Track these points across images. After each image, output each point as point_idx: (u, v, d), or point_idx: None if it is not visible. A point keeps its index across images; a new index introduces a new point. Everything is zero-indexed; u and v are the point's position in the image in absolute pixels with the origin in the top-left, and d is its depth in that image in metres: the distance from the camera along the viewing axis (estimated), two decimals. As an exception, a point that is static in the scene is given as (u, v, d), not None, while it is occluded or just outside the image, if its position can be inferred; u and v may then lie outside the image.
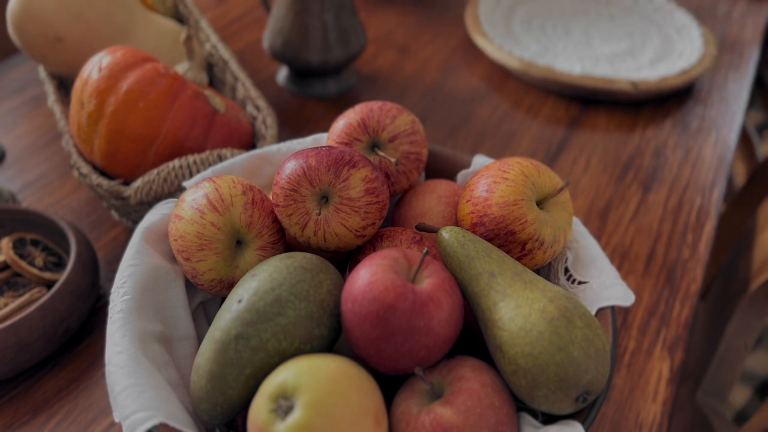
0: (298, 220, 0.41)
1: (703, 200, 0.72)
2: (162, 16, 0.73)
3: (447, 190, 0.47)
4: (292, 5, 0.76)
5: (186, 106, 0.56)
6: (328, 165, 0.40)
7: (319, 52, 0.77)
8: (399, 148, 0.46)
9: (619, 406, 0.52)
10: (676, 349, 0.57)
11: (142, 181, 0.54)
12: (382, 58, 0.92)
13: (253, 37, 0.95)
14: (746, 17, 1.06)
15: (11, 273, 0.56)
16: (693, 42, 0.93)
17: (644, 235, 0.67)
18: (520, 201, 0.42)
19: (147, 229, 0.45)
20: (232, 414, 0.37)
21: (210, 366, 0.36)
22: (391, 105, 0.47)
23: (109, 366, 0.37)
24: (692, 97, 0.88)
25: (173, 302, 0.43)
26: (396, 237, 0.43)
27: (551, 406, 0.35)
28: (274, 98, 0.83)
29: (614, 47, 0.92)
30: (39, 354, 0.50)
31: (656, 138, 0.80)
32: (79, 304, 0.52)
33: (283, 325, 0.36)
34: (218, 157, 0.55)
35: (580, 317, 0.35)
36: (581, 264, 0.44)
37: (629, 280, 0.63)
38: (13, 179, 0.70)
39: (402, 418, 0.36)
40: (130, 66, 0.56)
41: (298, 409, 0.32)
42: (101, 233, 0.64)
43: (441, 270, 0.38)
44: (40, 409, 0.50)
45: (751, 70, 0.94)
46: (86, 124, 0.55)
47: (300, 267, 0.38)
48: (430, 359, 0.37)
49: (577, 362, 0.34)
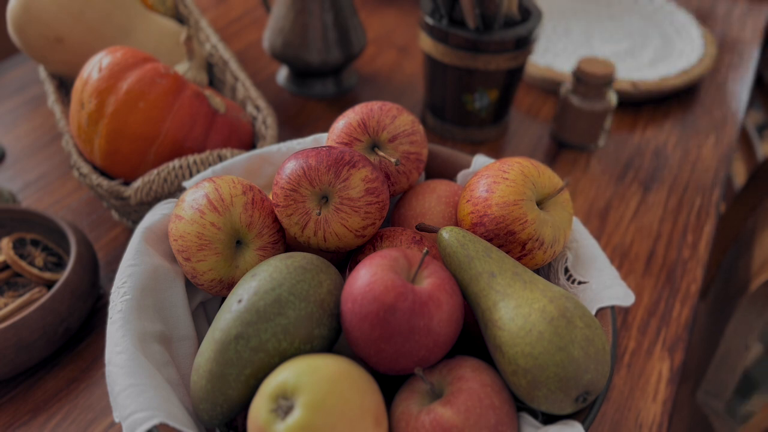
0: (298, 220, 0.41)
1: (703, 200, 0.72)
2: (162, 17, 0.73)
3: (447, 190, 0.47)
4: (292, 5, 0.76)
5: (186, 106, 0.56)
6: (328, 165, 0.40)
7: (319, 52, 0.77)
8: (399, 148, 0.46)
9: (619, 406, 0.52)
10: (676, 349, 0.57)
11: (142, 181, 0.54)
12: (382, 58, 0.92)
13: (253, 37, 0.95)
14: (746, 17, 1.06)
15: (11, 273, 0.56)
16: (693, 42, 0.93)
17: (644, 235, 0.67)
18: (520, 201, 0.42)
19: (147, 229, 0.45)
20: (232, 414, 0.37)
21: (210, 366, 0.36)
22: (391, 105, 0.47)
23: (109, 366, 0.37)
24: (692, 97, 0.88)
25: (173, 302, 0.43)
26: (396, 237, 0.43)
27: (551, 406, 0.35)
28: (274, 98, 0.83)
29: (614, 47, 0.92)
30: (39, 354, 0.50)
31: (656, 138, 0.80)
32: (79, 304, 0.52)
33: (283, 325, 0.36)
34: (218, 157, 0.55)
35: (580, 317, 0.35)
36: (581, 264, 0.44)
37: (629, 280, 0.63)
38: (13, 179, 0.70)
39: (402, 418, 0.36)
40: (130, 66, 0.56)
41: (298, 409, 0.32)
42: (101, 233, 0.64)
43: (441, 270, 0.38)
44: (40, 409, 0.50)
45: (751, 70, 0.94)
46: (86, 124, 0.55)
47: (300, 267, 0.38)
48: (430, 359, 0.37)
49: (577, 362, 0.34)
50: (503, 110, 0.76)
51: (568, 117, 0.75)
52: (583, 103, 0.73)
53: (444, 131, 0.77)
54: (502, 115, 0.77)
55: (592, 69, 0.71)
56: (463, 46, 0.68)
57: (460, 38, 0.67)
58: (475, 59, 0.68)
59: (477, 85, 0.71)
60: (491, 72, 0.69)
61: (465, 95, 0.72)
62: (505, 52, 0.68)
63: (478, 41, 0.67)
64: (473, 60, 0.68)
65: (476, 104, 0.73)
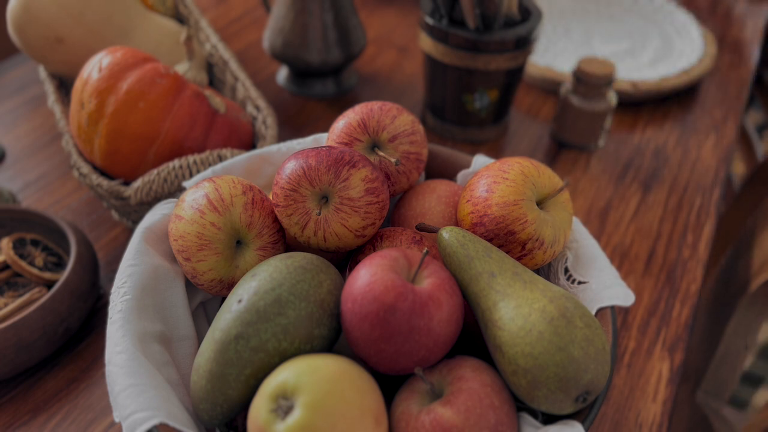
0: (298, 220, 0.41)
1: (703, 200, 0.72)
2: (162, 17, 0.73)
3: (447, 190, 0.47)
4: (292, 5, 0.76)
5: (186, 106, 0.56)
6: (328, 165, 0.40)
7: (319, 52, 0.77)
8: (399, 148, 0.46)
9: (619, 406, 0.52)
10: (676, 349, 0.57)
11: (142, 181, 0.54)
12: (382, 58, 0.92)
13: (253, 37, 0.95)
14: (746, 17, 1.06)
15: (11, 273, 0.56)
16: (693, 42, 0.93)
17: (644, 235, 0.67)
18: (520, 201, 0.42)
19: (147, 229, 0.45)
20: (232, 414, 0.37)
21: (210, 366, 0.36)
22: (391, 105, 0.47)
23: (109, 366, 0.37)
24: (692, 97, 0.88)
25: (173, 302, 0.43)
26: (396, 237, 0.43)
27: (551, 406, 0.35)
28: (274, 98, 0.83)
29: (614, 47, 0.92)
30: (39, 354, 0.50)
31: (656, 138, 0.80)
32: (79, 304, 0.52)
33: (283, 325, 0.36)
34: (218, 157, 0.55)
35: (580, 317, 0.35)
36: (581, 264, 0.44)
37: (629, 280, 0.63)
38: (13, 179, 0.70)
39: (402, 418, 0.36)
40: (130, 66, 0.56)
41: (298, 409, 0.32)
42: (101, 233, 0.64)
43: (441, 270, 0.38)
44: (40, 409, 0.50)
45: (751, 70, 0.94)
46: (86, 124, 0.55)
47: (300, 267, 0.38)
48: (430, 359, 0.37)
49: (577, 362, 0.34)
50: (503, 110, 0.76)
51: (568, 117, 0.75)
52: (583, 103, 0.73)
53: (444, 131, 0.77)
54: (502, 115, 0.77)
55: (592, 69, 0.71)
56: (463, 46, 0.68)
57: (460, 38, 0.67)
58: (475, 59, 0.68)
59: (477, 85, 0.71)
60: (491, 72, 0.69)
61: (465, 95, 0.72)
62: (505, 52, 0.68)
63: (478, 41, 0.67)
64: (473, 60, 0.68)
65: (476, 104, 0.73)
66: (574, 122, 0.75)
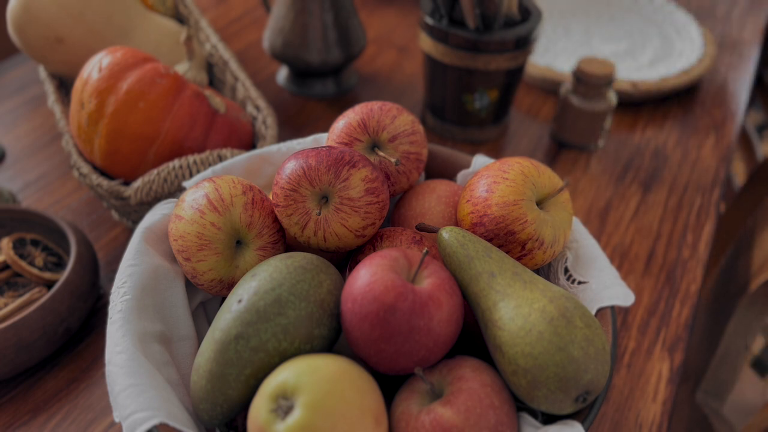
0: (298, 220, 0.41)
1: (703, 200, 0.72)
2: (162, 17, 0.73)
3: (447, 190, 0.47)
4: (292, 5, 0.76)
5: (186, 106, 0.56)
6: (328, 165, 0.40)
7: (319, 52, 0.77)
8: (399, 148, 0.46)
9: (619, 406, 0.52)
10: (676, 349, 0.57)
11: (142, 181, 0.54)
12: (382, 58, 0.92)
13: (253, 37, 0.95)
14: (746, 17, 1.06)
15: (11, 273, 0.56)
16: (693, 42, 0.93)
17: (644, 235, 0.67)
18: (520, 201, 0.42)
19: (147, 229, 0.45)
20: (232, 414, 0.37)
21: (210, 366, 0.36)
22: (391, 105, 0.47)
23: (109, 366, 0.37)
24: (692, 97, 0.88)
25: (173, 302, 0.43)
26: (396, 237, 0.43)
27: (551, 406, 0.35)
28: (274, 98, 0.83)
29: (614, 47, 0.92)
30: (39, 354, 0.50)
31: (656, 138, 0.80)
32: (79, 304, 0.52)
33: (283, 325, 0.36)
34: (218, 157, 0.55)
35: (580, 317, 0.35)
36: (581, 264, 0.44)
37: (629, 280, 0.63)
38: (13, 179, 0.70)
39: (402, 418, 0.36)
40: (130, 66, 0.56)
41: (298, 409, 0.32)
42: (101, 233, 0.64)
43: (441, 270, 0.38)
44: (40, 409, 0.50)
45: (751, 70, 0.94)
46: (86, 124, 0.55)
47: (300, 267, 0.38)
48: (430, 359, 0.37)
49: (577, 362, 0.34)
50: (503, 110, 0.76)
51: (568, 117, 0.75)
52: (583, 103, 0.73)
53: (444, 131, 0.77)
54: (502, 115, 0.77)
55: (592, 69, 0.71)
56: (463, 46, 0.68)
57: (460, 38, 0.67)
58: (475, 59, 0.68)
59: (477, 85, 0.71)
60: (491, 72, 0.69)
61: (465, 95, 0.72)
62: (505, 52, 0.68)
63: (478, 41, 0.67)
64: (473, 60, 0.68)
65: (476, 104, 0.73)
66: (574, 122, 0.75)
